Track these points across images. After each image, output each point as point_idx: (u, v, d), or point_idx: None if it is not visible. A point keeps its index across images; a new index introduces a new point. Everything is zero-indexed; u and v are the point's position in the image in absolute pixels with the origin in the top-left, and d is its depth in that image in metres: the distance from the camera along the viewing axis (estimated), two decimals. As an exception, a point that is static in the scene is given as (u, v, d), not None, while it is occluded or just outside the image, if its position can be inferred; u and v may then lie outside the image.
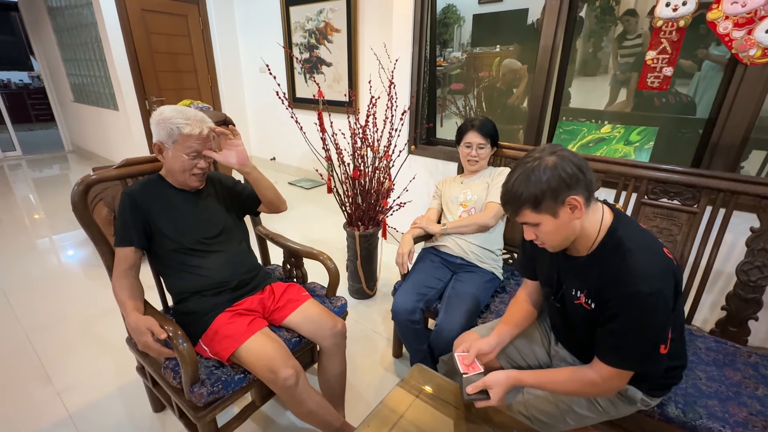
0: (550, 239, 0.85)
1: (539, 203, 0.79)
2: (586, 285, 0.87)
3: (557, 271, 0.96)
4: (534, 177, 0.78)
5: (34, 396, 1.48)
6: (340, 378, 1.29)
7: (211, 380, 1.02)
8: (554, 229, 0.82)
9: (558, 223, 0.81)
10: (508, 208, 0.84)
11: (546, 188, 0.77)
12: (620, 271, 0.78)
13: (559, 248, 0.88)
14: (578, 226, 0.83)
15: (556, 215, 0.80)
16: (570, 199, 0.78)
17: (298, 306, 1.25)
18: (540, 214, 0.81)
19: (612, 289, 0.79)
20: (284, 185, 4.20)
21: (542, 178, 0.77)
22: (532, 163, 0.79)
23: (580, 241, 0.87)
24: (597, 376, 0.83)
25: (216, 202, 1.30)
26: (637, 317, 0.76)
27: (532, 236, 0.87)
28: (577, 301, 0.90)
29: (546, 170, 0.77)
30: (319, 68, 3.80)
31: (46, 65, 5.34)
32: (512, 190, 0.81)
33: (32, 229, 3.13)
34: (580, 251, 0.89)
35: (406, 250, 1.45)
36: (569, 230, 0.83)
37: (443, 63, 2.73)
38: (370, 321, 1.95)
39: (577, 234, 0.85)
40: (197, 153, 1.14)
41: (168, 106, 1.15)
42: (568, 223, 0.81)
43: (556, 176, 0.77)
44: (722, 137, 1.55)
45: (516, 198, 0.81)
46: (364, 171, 1.90)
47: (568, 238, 0.85)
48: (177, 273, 1.18)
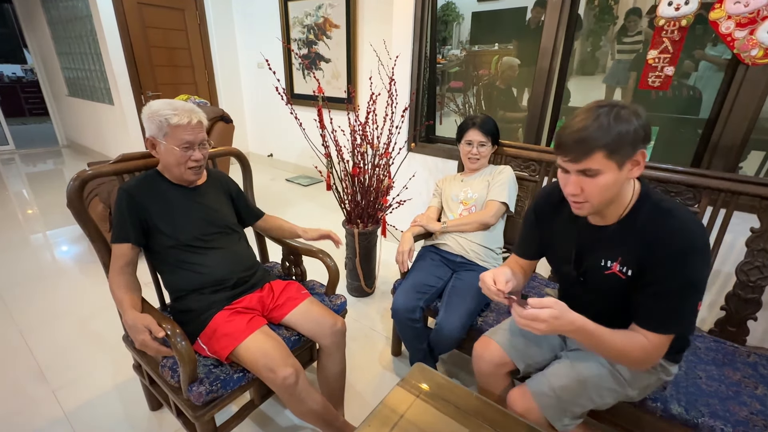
0: (599, 195, 0.79)
1: (617, 149, 0.73)
2: (620, 252, 0.84)
3: (577, 245, 0.93)
4: (623, 116, 0.72)
5: (29, 394, 1.46)
6: (339, 377, 1.28)
7: (210, 379, 1.01)
8: (611, 182, 0.76)
9: (618, 176, 0.76)
10: (576, 149, 0.75)
11: (632, 132, 0.72)
12: (667, 230, 0.77)
13: (595, 210, 0.83)
14: (626, 186, 0.81)
15: (622, 167, 0.75)
16: (640, 153, 0.75)
17: (298, 304, 1.24)
18: (609, 161, 0.74)
19: (659, 249, 0.76)
20: (282, 182, 4.18)
21: (633, 121, 0.72)
22: (617, 105, 0.73)
23: (612, 207, 0.84)
24: (648, 343, 0.80)
25: (216, 198, 1.29)
26: (688, 275, 0.75)
27: (577, 190, 0.79)
28: (608, 271, 0.86)
29: (634, 114, 0.73)
30: (317, 64, 3.77)
31: (39, 58, 5.26)
32: (589, 129, 0.73)
33: (26, 224, 3.09)
34: (607, 219, 0.86)
35: (406, 248, 1.44)
36: (618, 189, 0.79)
37: (442, 60, 2.72)
38: (368, 319, 1.94)
39: (616, 197, 0.81)
40: (189, 144, 1.12)
41: (157, 100, 1.13)
42: (624, 179, 0.78)
43: (641, 124, 0.73)
44: (722, 137, 1.55)
45: (595, 137, 0.73)
46: (363, 168, 1.88)
47: (612, 198, 0.81)
48: (175, 270, 1.16)
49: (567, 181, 0.81)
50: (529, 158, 1.63)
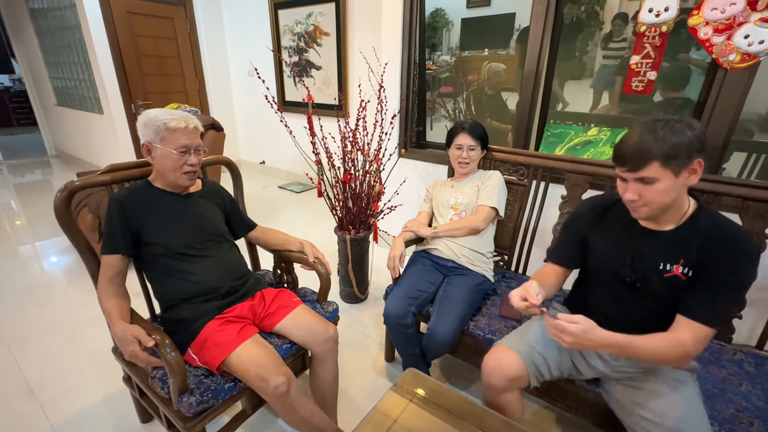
0: (657, 201, 0.85)
1: (673, 157, 0.79)
2: (682, 255, 0.89)
3: (632, 250, 0.96)
4: (677, 129, 0.79)
5: (16, 409, 1.44)
6: (332, 384, 1.28)
7: (200, 389, 1.00)
8: (668, 188, 0.82)
9: (675, 183, 0.82)
10: (633, 160, 0.82)
11: (687, 143, 0.79)
12: (731, 233, 0.84)
13: (653, 213, 0.88)
14: (681, 193, 0.86)
15: (679, 174, 0.81)
16: (696, 162, 0.81)
17: (289, 312, 1.24)
18: (666, 170, 0.81)
19: (725, 247, 0.83)
20: (274, 189, 4.17)
21: (686, 133, 0.79)
22: (671, 120, 0.81)
23: (670, 213, 0.89)
24: (688, 336, 0.84)
25: (208, 207, 1.29)
26: (746, 271, 0.83)
27: (636, 196, 0.86)
28: (668, 274, 0.90)
29: (688, 127, 0.79)
30: (308, 71, 3.79)
31: (27, 68, 5.22)
32: (644, 141, 0.81)
33: (14, 235, 3.04)
34: (664, 224, 0.92)
35: (398, 253, 1.45)
36: (675, 195, 0.85)
37: (432, 66, 2.75)
38: (362, 325, 1.94)
39: (673, 204, 0.87)
40: (186, 148, 1.14)
41: (153, 109, 1.16)
42: (681, 186, 0.84)
43: (696, 135, 0.79)
44: (705, 139, 1.59)
45: (651, 148, 0.80)
46: (354, 174, 1.89)
47: (669, 204, 0.86)
48: (165, 279, 1.16)
49: (626, 189, 0.88)
50: (518, 162, 1.65)
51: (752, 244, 0.84)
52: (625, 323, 0.99)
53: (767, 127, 1.78)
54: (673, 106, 1.87)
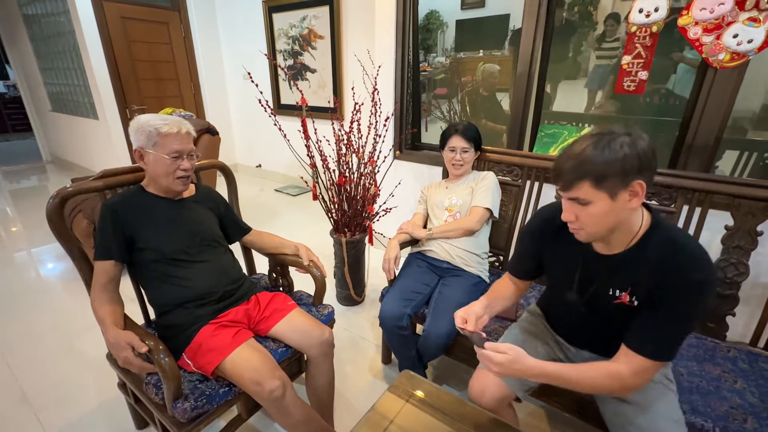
0: (594, 224, 0.79)
1: (604, 179, 0.72)
2: (629, 282, 0.83)
3: (581, 272, 0.91)
4: (608, 148, 0.72)
5: (10, 416, 1.43)
6: (328, 387, 1.27)
7: (195, 395, 1.00)
8: (605, 212, 0.76)
9: (612, 206, 0.75)
10: (564, 177, 0.76)
11: (619, 162, 0.71)
12: (683, 260, 0.75)
13: (593, 237, 0.82)
14: (624, 217, 0.78)
15: (615, 197, 0.74)
16: (636, 184, 0.72)
17: (284, 315, 1.24)
18: (598, 192, 0.74)
19: (674, 278, 0.75)
20: (270, 193, 4.17)
21: (618, 152, 0.71)
22: (612, 134, 0.73)
23: (617, 236, 0.82)
24: (626, 369, 0.79)
25: (202, 212, 1.29)
26: (696, 305, 0.75)
27: (572, 217, 0.80)
28: (617, 300, 0.85)
29: (625, 145, 0.71)
30: (303, 75, 3.80)
31: (22, 74, 5.20)
32: (578, 156, 0.74)
33: (9, 242, 3.03)
34: (614, 248, 0.84)
35: (393, 255, 1.45)
36: (616, 218, 0.77)
37: (428, 68, 2.76)
38: (358, 328, 1.94)
39: (618, 226, 0.80)
40: (178, 153, 1.14)
41: (145, 114, 1.16)
42: (621, 210, 0.76)
43: (634, 154, 0.71)
44: (696, 138, 1.60)
45: (579, 166, 0.73)
46: (349, 177, 1.89)
47: (611, 227, 0.79)
48: (159, 285, 1.15)
49: (564, 206, 0.82)
50: (512, 163, 1.66)
51: (707, 274, 0.74)
52: (587, 336, 1.00)
53: (760, 125, 1.80)
54: (664, 104, 1.88)
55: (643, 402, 0.89)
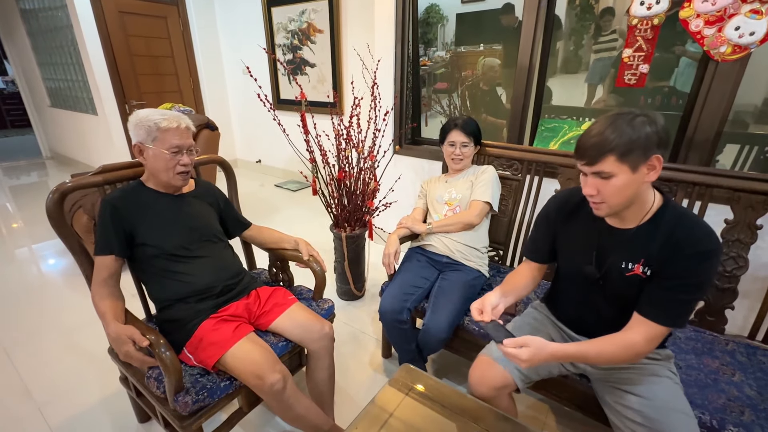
0: (615, 196, 0.84)
1: (628, 152, 0.78)
2: (643, 254, 0.88)
3: (597, 246, 0.96)
4: (633, 125, 0.78)
5: (13, 411, 1.44)
6: (328, 381, 1.28)
7: (196, 388, 1.01)
8: (626, 184, 0.82)
9: (633, 179, 0.81)
10: (590, 153, 0.82)
11: (643, 138, 0.78)
12: (695, 232, 0.83)
13: (613, 210, 0.88)
14: (644, 189, 0.85)
15: (636, 170, 0.80)
16: (654, 158, 0.79)
17: (285, 310, 1.24)
18: (622, 164, 0.80)
19: (687, 248, 0.82)
20: (271, 188, 4.17)
21: (643, 127, 0.78)
22: (633, 113, 0.80)
23: (632, 211, 0.88)
24: (640, 337, 0.85)
25: (202, 207, 1.29)
26: (705, 275, 0.82)
27: (594, 191, 0.85)
28: (629, 273, 0.90)
29: (647, 122, 0.78)
30: (302, 69, 3.78)
31: (20, 69, 5.18)
32: (602, 133, 0.80)
33: (10, 238, 3.04)
34: (628, 222, 0.90)
35: (392, 250, 1.45)
36: (635, 191, 0.84)
37: (428, 62, 2.74)
38: (359, 322, 1.95)
39: (635, 200, 0.86)
40: (178, 148, 1.14)
41: (144, 109, 1.16)
42: (640, 183, 0.82)
43: (656, 130, 0.78)
44: (697, 132, 1.60)
45: (606, 141, 0.79)
46: (349, 172, 1.89)
47: (630, 200, 0.85)
48: (159, 280, 1.16)
49: (585, 182, 0.87)
50: (512, 157, 1.66)
51: (714, 244, 0.82)
52: (593, 322, 1.03)
53: (762, 118, 1.79)
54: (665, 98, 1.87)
55: (651, 395, 0.91)
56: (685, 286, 0.83)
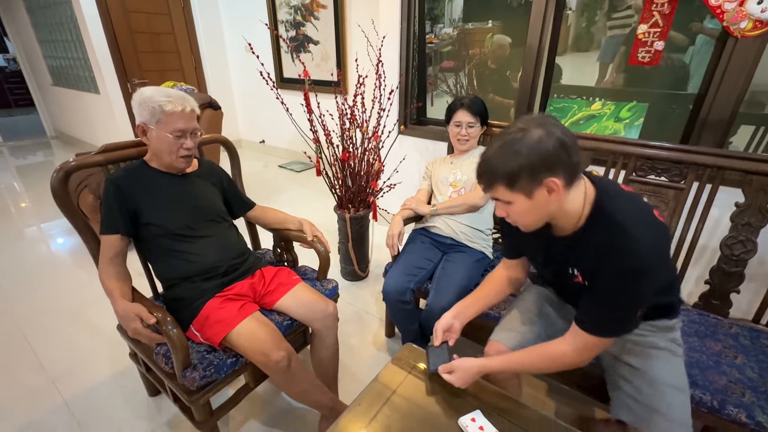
0: (523, 219, 0.82)
1: (514, 181, 0.74)
2: (579, 263, 0.85)
3: (544, 252, 0.94)
4: (512, 151, 0.73)
5: (28, 384, 1.49)
6: (332, 359, 1.31)
7: (203, 364, 1.03)
8: (527, 210, 0.78)
9: (532, 204, 0.77)
10: (482, 181, 0.80)
11: (524, 166, 0.72)
12: (612, 245, 0.75)
13: (532, 228, 0.85)
14: (555, 208, 0.79)
15: (531, 196, 0.76)
16: (548, 182, 0.73)
17: (289, 289, 1.25)
18: (513, 193, 0.76)
19: (604, 263, 0.76)
20: (274, 169, 4.15)
21: (522, 154, 0.72)
22: (514, 135, 0.74)
23: (562, 221, 0.83)
24: (569, 347, 0.84)
25: (205, 187, 1.29)
26: (624, 292, 0.75)
27: (504, 213, 0.83)
28: (575, 279, 0.87)
29: (527, 146, 0.72)
30: (306, 47, 3.69)
31: (21, 47, 5.12)
32: (488, 162, 0.77)
33: (19, 218, 3.07)
34: (565, 230, 0.85)
35: (396, 231, 1.45)
36: (544, 212, 0.79)
37: (434, 40, 2.66)
38: (363, 302, 1.97)
39: (556, 215, 0.81)
40: (182, 132, 1.13)
41: (148, 87, 1.14)
42: (545, 204, 0.77)
43: (536, 154, 0.71)
44: (711, 112, 1.55)
45: (491, 172, 0.76)
46: (353, 153, 1.87)
47: (542, 219, 0.82)
48: (165, 259, 1.17)
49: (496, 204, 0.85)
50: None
51: (640, 259, 0.72)
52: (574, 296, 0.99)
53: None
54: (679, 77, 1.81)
55: (644, 366, 0.91)
56: (604, 299, 0.79)
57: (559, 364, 0.86)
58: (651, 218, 0.78)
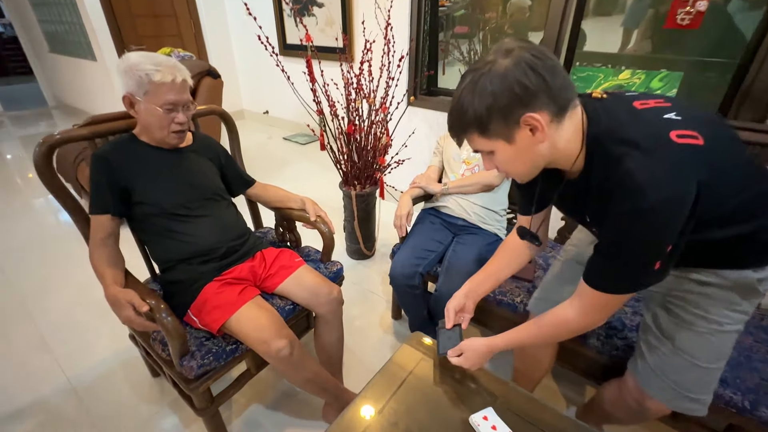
0: (512, 169, 0.71)
1: (486, 126, 0.63)
2: (588, 208, 0.74)
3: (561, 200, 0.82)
4: (479, 90, 0.60)
5: (32, 362, 1.48)
6: (336, 345, 1.26)
7: (202, 352, 0.98)
8: (512, 157, 0.66)
9: (515, 150, 0.65)
10: (452, 133, 0.69)
11: (492, 106, 0.60)
12: (613, 186, 0.61)
13: (527, 178, 0.73)
14: (546, 149, 0.66)
15: (511, 140, 0.64)
16: (527, 118, 0.60)
17: (291, 273, 1.19)
18: (490, 140, 0.65)
19: (603, 206, 0.65)
20: (279, 141, 4.03)
21: (487, 92, 0.59)
22: (480, 70, 0.61)
23: (563, 163, 0.70)
24: (573, 310, 0.74)
25: (201, 163, 1.20)
26: (630, 235, 0.62)
27: (491, 166, 0.72)
28: (593, 229, 0.79)
29: (493, 81, 0.59)
30: (309, 9, 3.47)
31: (14, 10, 4.92)
32: (454, 109, 0.65)
33: (27, 189, 3.04)
34: (572, 173, 0.72)
35: (405, 212, 1.37)
36: (534, 156, 0.66)
37: (446, 2, 2.46)
38: (369, 282, 1.91)
39: (553, 157, 0.68)
40: (173, 105, 1.03)
41: (135, 52, 1.02)
42: (531, 147, 0.64)
43: (505, 89, 0.59)
44: (755, 84, 1.40)
45: (459, 118, 0.65)
46: (359, 126, 1.76)
47: (536, 165, 0.69)
48: (160, 240, 1.11)
49: None
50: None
51: (642, 196, 0.57)
52: None
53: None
54: (718, 42, 1.63)
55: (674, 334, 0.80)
56: (610, 252, 0.67)
57: (566, 330, 0.76)
58: (664, 141, 0.60)
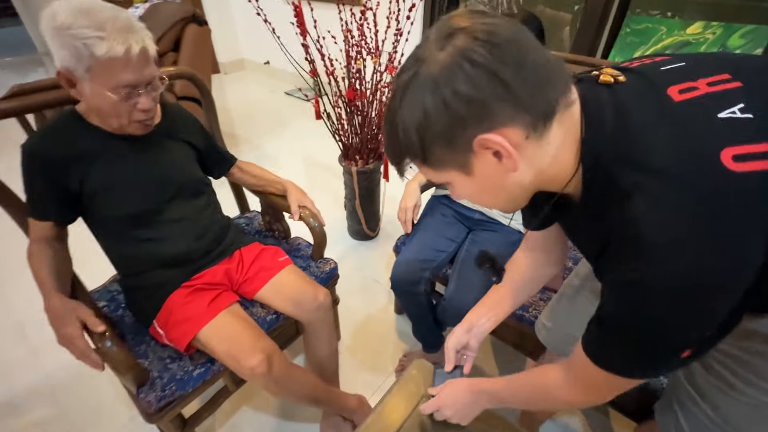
0: (485, 203, 0.53)
1: (424, 154, 0.44)
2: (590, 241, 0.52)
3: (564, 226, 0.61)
4: (406, 104, 0.41)
5: (9, 353, 1.38)
6: (329, 358, 1.11)
7: (164, 380, 0.84)
8: (476, 191, 0.49)
9: (477, 181, 0.46)
10: (388, 156, 0.49)
11: (425, 126, 0.41)
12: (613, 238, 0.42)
13: (512, 209, 0.55)
14: (527, 176, 0.45)
15: (467, 170, 0.44)
16: (482, 141, 0.40)
17: (272, 276, 1.02)
18: (438, 171, 0.46)
19: (605, 269, 0.46)
20: (280, 96, 3.71)
21: (417, 108, 0.40)
22: (410, 71, 0.41)
23: (554, 187, 0.49)
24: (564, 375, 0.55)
25: (173, 148, 0.96)
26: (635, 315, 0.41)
27: (460, 198, 0.54)
28: None
29: (423, 90, 0.39)
30: (311, -60, 2.99)
31: (-10, -58, 4.45)
32: (385, 120, 0.46)
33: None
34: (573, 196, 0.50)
35: (411, 204, 1.15)
36: (508, 187, 0.47)
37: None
38: (371, 267, 1.74)
39: (540, 182, 0.47)
40: (132, 86, 0.75)
41: (62, 1, 0.72)
42: (499, 177, 0.44)
43: (439, 104, 0.39)
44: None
45: (390, 139, 0.46)
46: (361, 90, 1.48)
47: (516, 197, 0.50)
48: (119, 247, 0.92)
49: None
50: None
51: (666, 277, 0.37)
52: None
53: None
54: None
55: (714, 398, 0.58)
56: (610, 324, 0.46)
57: (554, 399, 0.57)
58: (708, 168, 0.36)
